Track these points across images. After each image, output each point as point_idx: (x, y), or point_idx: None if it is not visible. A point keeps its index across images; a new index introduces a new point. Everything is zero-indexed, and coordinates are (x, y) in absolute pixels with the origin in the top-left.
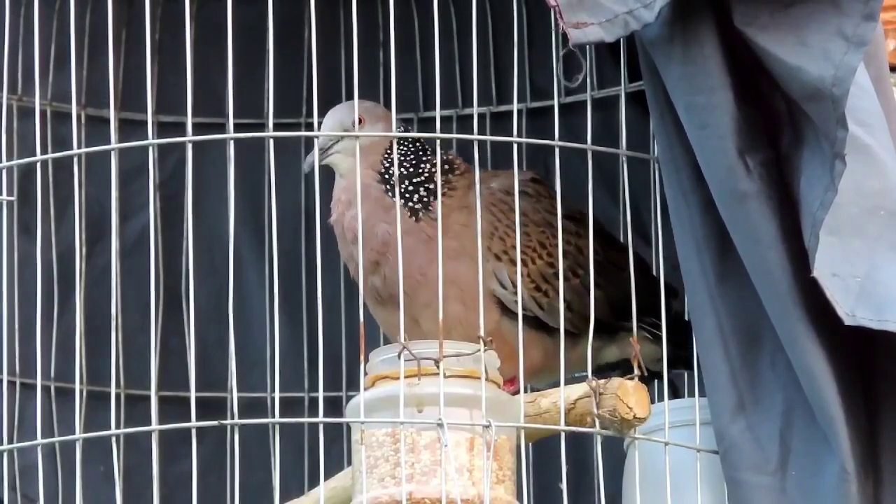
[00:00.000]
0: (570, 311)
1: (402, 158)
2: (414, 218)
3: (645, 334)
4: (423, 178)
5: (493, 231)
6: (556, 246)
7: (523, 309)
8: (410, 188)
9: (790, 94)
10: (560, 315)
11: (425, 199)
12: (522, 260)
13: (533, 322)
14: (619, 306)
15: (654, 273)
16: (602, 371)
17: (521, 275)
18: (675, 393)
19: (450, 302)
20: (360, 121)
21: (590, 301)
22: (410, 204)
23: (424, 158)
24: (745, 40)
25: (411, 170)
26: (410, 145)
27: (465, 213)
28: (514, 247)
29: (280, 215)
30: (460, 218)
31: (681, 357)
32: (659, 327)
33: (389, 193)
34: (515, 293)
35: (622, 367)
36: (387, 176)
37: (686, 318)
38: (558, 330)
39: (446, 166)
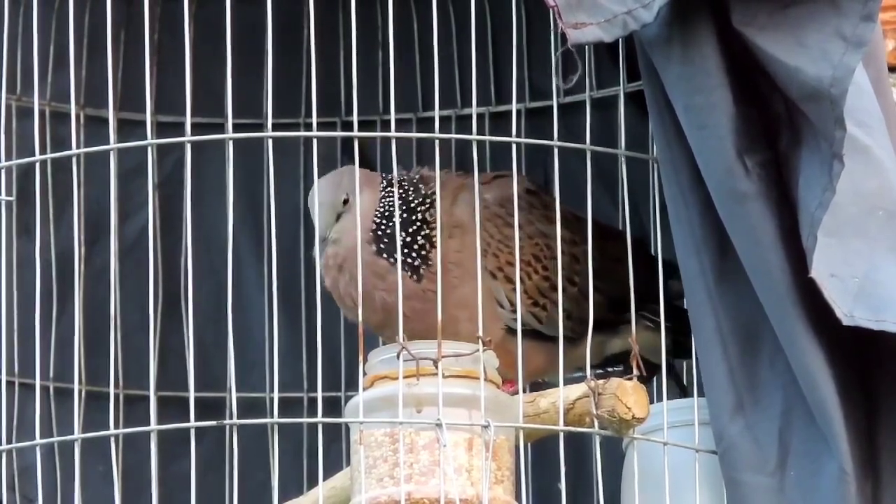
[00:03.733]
0: (570, 320)
1: (392, 209)
2: (415, 278)
3: (646, 323)
4: (417, 224)
5: (487, 248)
6: (551, 258)
7: (523, 324)
8: (408, 239)
9: (789, 94)
10: (559, 326)
11: (423, 253)
12: (519, 276)
13: (534, 332)
14: (618, 300)
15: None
16: (607, 363)
17: (519, 292)
18: (684, 392)
19: (462, 323)
20: (345, 202)
21: (588, 306)
22: (409, 261)
23: (414, 204)
24: (744, 41)
25: (405, 216)
26: (400, 193)
27: (459, 235)
28: (509, 263)
29: (278, 215)
30: (454, 244)
31: (682, 345)
32: (659, 314)
33: (384, 255)
34: (514, 311)
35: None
36: (380, 232)
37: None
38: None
39: (427, 202)
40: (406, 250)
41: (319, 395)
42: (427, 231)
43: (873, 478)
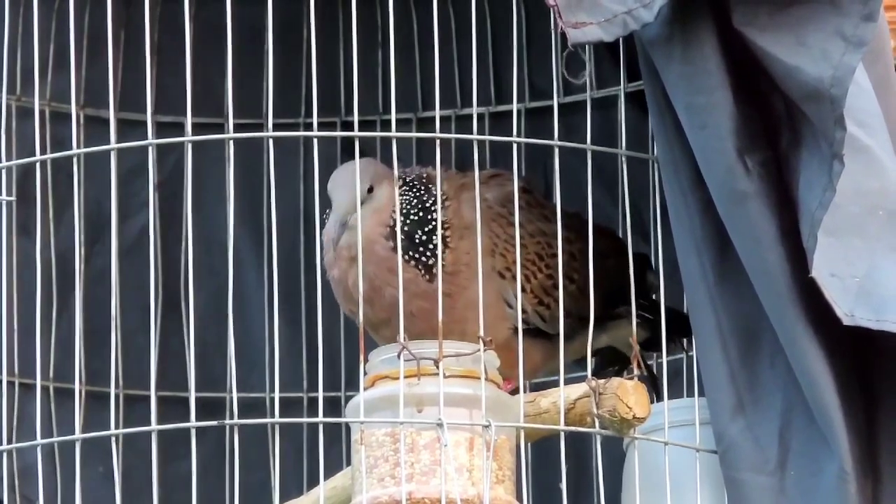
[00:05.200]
0: (569, 318)
1: (410, 207)
2: (427, 277)
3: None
4: (433, 224)
5: (494, 248)
6: (553, 256)
7: (528, 323)
8: (423, 238)
9: (789, 94)
10: (560, 323)
11: (437, 253)
12: (525, 275)
13: (534, 330)
14: (607, 294)
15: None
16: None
17: (524, 291)
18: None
19: (470, 323)
20: (370, 189)
21: (586, 303)
22: (424, 259)
23: (430, 203)
24: (744, 40)
25: (421, 215)
26: (415, 192)
27: (469, 236)
28: (515, 262)
29: (278, 216)
30: (464, 246)
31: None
32: (643, 308)
33: (399, 252)
34: (523, 311)
35: (610, 356)
36: (397, 229)
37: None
38: (556, 333)
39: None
40: (422, 248)
41: (321, 394)
42: (443, 232)
43: (873, 478)
